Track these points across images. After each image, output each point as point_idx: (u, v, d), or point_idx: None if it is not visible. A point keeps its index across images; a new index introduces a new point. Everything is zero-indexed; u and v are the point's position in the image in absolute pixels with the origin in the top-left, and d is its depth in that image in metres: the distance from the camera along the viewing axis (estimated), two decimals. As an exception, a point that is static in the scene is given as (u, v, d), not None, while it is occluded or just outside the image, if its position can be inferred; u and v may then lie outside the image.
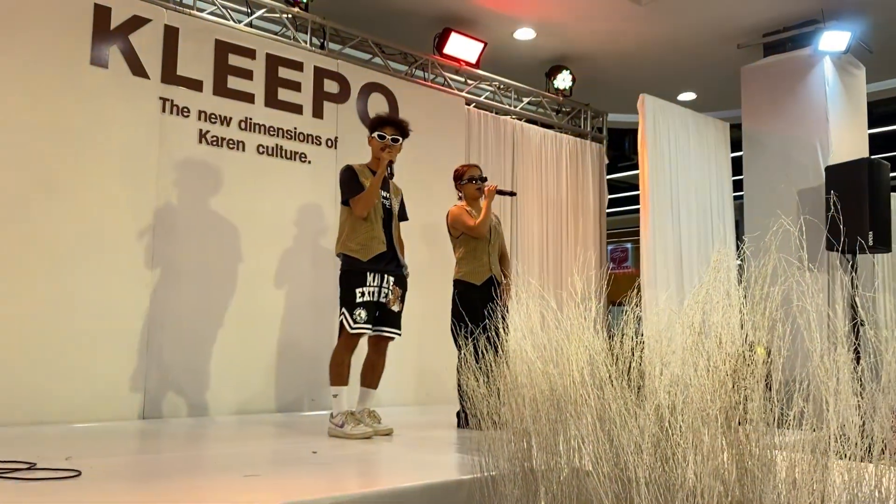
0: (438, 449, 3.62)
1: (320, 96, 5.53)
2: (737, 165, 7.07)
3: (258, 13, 5.41)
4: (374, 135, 3.97)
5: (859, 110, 6.76)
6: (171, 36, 4.82)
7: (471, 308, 4.14)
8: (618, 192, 11.42)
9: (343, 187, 3.91)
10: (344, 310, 3.79)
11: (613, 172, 9.92)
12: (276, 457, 3.35)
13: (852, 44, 6.46)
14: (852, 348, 1.91)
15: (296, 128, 5.35)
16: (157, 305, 4.59)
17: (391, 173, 3.97)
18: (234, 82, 5.08)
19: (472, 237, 4.38)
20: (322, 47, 5.73)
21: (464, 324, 3.99)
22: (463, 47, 6.64)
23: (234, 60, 5.11)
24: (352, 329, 3.75)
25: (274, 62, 5.30)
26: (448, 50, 6.56)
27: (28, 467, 2.62)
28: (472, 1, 6.27)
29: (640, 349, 2.18)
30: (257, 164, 5.13)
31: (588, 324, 2.28)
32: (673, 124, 6.54)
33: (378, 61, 6.15)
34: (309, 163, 5.39)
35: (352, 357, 3.85)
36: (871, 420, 1.77)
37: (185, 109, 4.84)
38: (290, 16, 5.58)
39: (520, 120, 7.21)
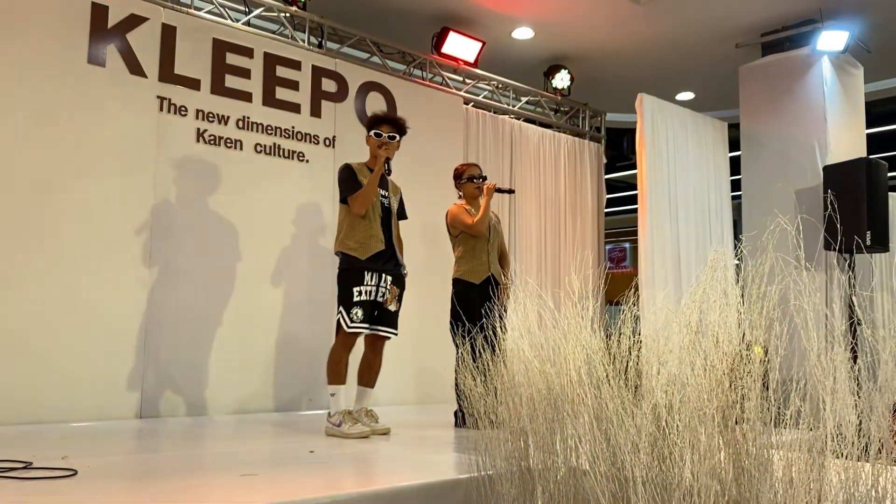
0: (436, 448, 3.62)
1: (318, 95, 5.53)
2: (735, 165, 7.07)
3: (256, 12, 5.40)
4: (371, 133, 3.97)
5: (857, 110, 6.76)
6: (168, 35, 4.81)
7: (469, 307, 4.13)
8: (616, 192, 11.42)
9: (341, 185, 3.91)
10: (341, 308, 3.79)
11: (612, 172, 9.92)
12: (274, 456, 3.35)
13: (850, 43, 6.46)
14: (849, 348, 1.91)
15: (293, 127, 5.35)
16: (155, 304, 4.59)
17: (389, 170, 3.96)
18: (231, 81, 5.08)
19: (472, 235, 4.37)
20: (320, 46, 5.72)
21: (461, 323, 4.00)
22: (461, 46, 6.63)
23: (232, 59, 5.10)
24: (349, 328, 3.75)
25: (272, 61, 5.30)
26: (446, 49, 6.56)
27: (24, 466, 2.62)
28: (470, 0, 6.27)
29: (638, 348, 2.18)
30: (255, 163, 5.13)
31: (585, 323, 2.28)
32: (671, 124, 6.54)
33: (376, 60, 6.14)
34: (307, 162, 5.38)
35: (349, 356, 3.86)
36: (868, 419, 1.77)
37: (183, 108, 4.84)
38: (287, 15, 5.57)
39: (518, 119, 7.21)
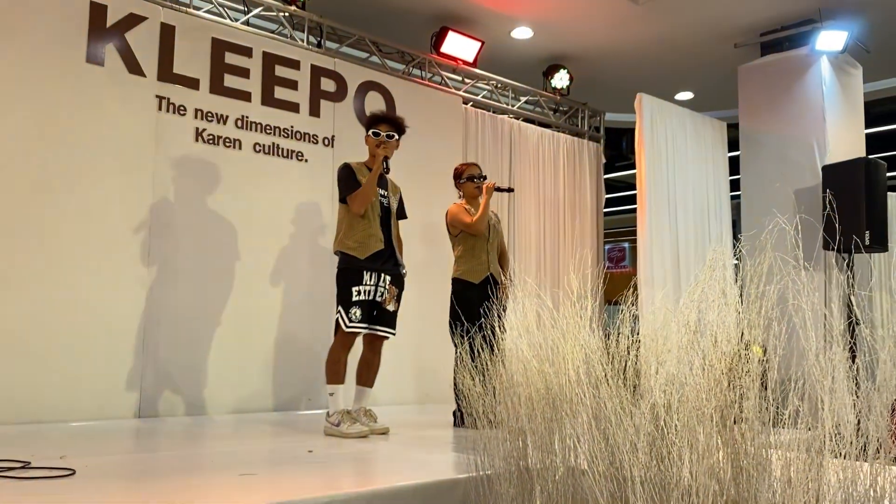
0: (434, 448, 3.62)
1: (317, 95, 5.52)
2: (734, 165, 7.07)
3: (255, 11, 5.39)
4: (369, 132, 3.96)
5: (856, 110, 6.76)
6: (167, 34, 4.80)
7: (468, 307, 4.13)
8: (615, 192, 11.42)
9: (340, 185, 3.91)
10: (340, 308, 3.79)
11: (611, 172, 9.93)
12: (272, 456, 3.35)
13: (849, 43, 6.47)
14: (848, 347, 1.91)
15: (292, 126, 5.34)
16: (154, 304, 4.58)
17: (387, 169, 3.96)
18: (230, 80, 5.07)
19: (471, 234, 4.37)
20: (319, 46, 5.72)
21: (460, 322, 4.00)
22: (460, 46, 6.63)
23: (231, 59, 5.10)
24: (347, 328, 3.75)
25: (271, 60, 5.29)
26: (445, 49, 6.56)
27: (22, 466, 2.61)
28: (469, 0, 6.26)
29: (636, 348, 2.17)
30: (254, 162, 5.12)
31: (584, 323, 2.27)
32: (670, 124, 6.54)
33: (375, 60, 6.14)
34: (306, 161, 5.38)
35: (348, 355, 3.86)
36: (867, 419, 1.77)
37: (182, 108, 4.83)
38: (286, 14, 5.57)
39: (517, 119, 7.20)
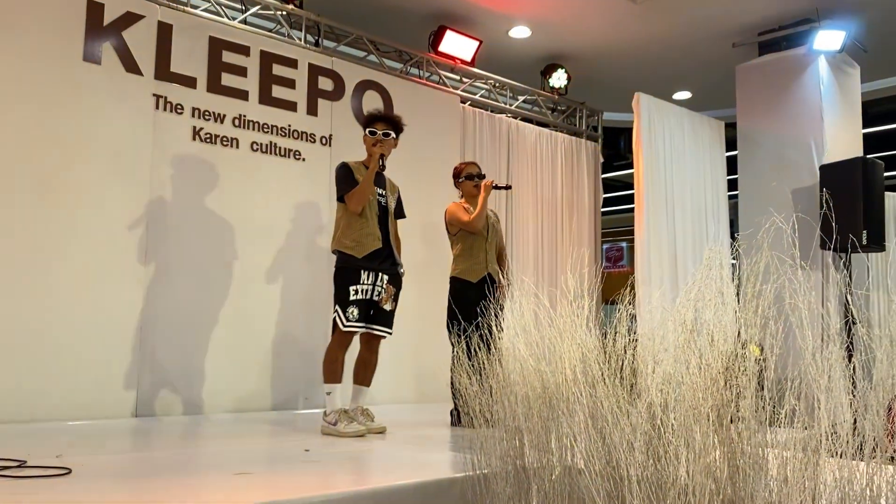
0: (431, 447, 3.62)
1: (315, 93, 5.52)
2: (732, 164, 7.07)
3: (252, 10, 5.39)
4: (366, 132, 3.96)
5: (854, 109, 6.77)
6: (164, 32, 4.79)
7: (465, 306, 4.13)
8: (613, 191, 11.42)
9: (338, 183, 3.90)
10: (337, 307, 3.79)
11: (609, 171, 9.92)
12: (268, 455, 3.35)
13: (847, 43, 6.47)
14: (844, 346, 1.90)
15: (290, 125, 5.34)
16: (151, 302, 4.57)
17: (383, 166, 3.96)
18: (228, 79, 5.06)
19: (470, 233, 4.37)
20: (317, 44, 5.71)
21: (457, 321, 3.99)
22: (458, 45, 6.62)
23: (228, 57, 5.09)
24: (344, 327, 3.75)
25: (268, 59, 5.29)
26: (443, 48, 6.55)
27: (18, 465, 2.60)
28: (467, -1, 6.26)
29: (633, 347, 2.17)
30: (251, 161, 5.11)
31: (581, 322, 2.27)
32: (668, 123, 6.54)
33: (373, 59, 6.13)
34: (303, 160, 5.37)
35: (345, 354, 3.85)
36: (863, 418, 1.77)
37: (179, 106, 4.82)
38: (284, 13, 5.56)
39: (515, 118, 7.20)
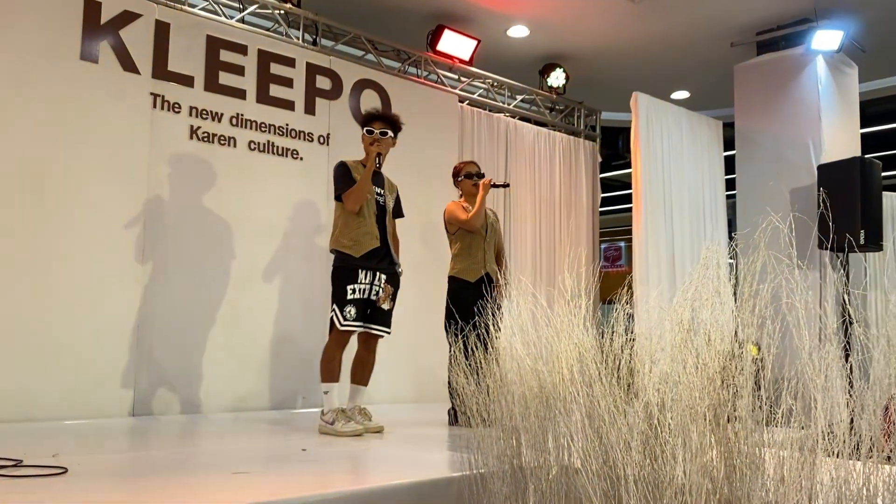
0: (429, 446, 3.62)
1: (312, 93, 5.51)
2: (730, 164, 7.07)
3: (250, 9, 5.38)
4: (363, 131, 3.96)
5: (852, 109, 6.77)
6: (162, 31, 4.79)
7: (463, 305, 4.13)
8: (611, 191, 11.42)
9: (336, 182, 3.90)
10: (334, 306, 3.79)
11: (607, 171, 9.93)
12: (266, 454, 3.34)
13: (845, 43, 6.47)
14: (841, 346, 1.90)
15: (288, 124, 5.33)
16: (148, 302, 4.57)
17: (379, 164, 3.95)
18: (225, 78, 5.06)
19: (468, 231, 4.37)
20: (314, 43, 5.71)
21: (455, 321, 3.99)
22: (456, 44, 6.62)
23: (226, 56, 5.08)
24: (341, 326, 3.75)
25: (266, 58, 5.28)
26: (441, 47, 6.54)
27: (14, 464, 2.60)
28: (465, -2, 6.26)
29: (630, 346, 2.17)
30: (249, 160, 5.11)
31: (578, 321, 2.27)
32: (666, 123, 6.54)
33: (371, 58, 6.13)
34: (301, 159, 5.37)
35: (343, 354, 3.85)
36: (860, 418, 1.77)
37: (177, 105, 4.81)
38: (282, 12, 5.55)
39: (513, 118, 7.20)
